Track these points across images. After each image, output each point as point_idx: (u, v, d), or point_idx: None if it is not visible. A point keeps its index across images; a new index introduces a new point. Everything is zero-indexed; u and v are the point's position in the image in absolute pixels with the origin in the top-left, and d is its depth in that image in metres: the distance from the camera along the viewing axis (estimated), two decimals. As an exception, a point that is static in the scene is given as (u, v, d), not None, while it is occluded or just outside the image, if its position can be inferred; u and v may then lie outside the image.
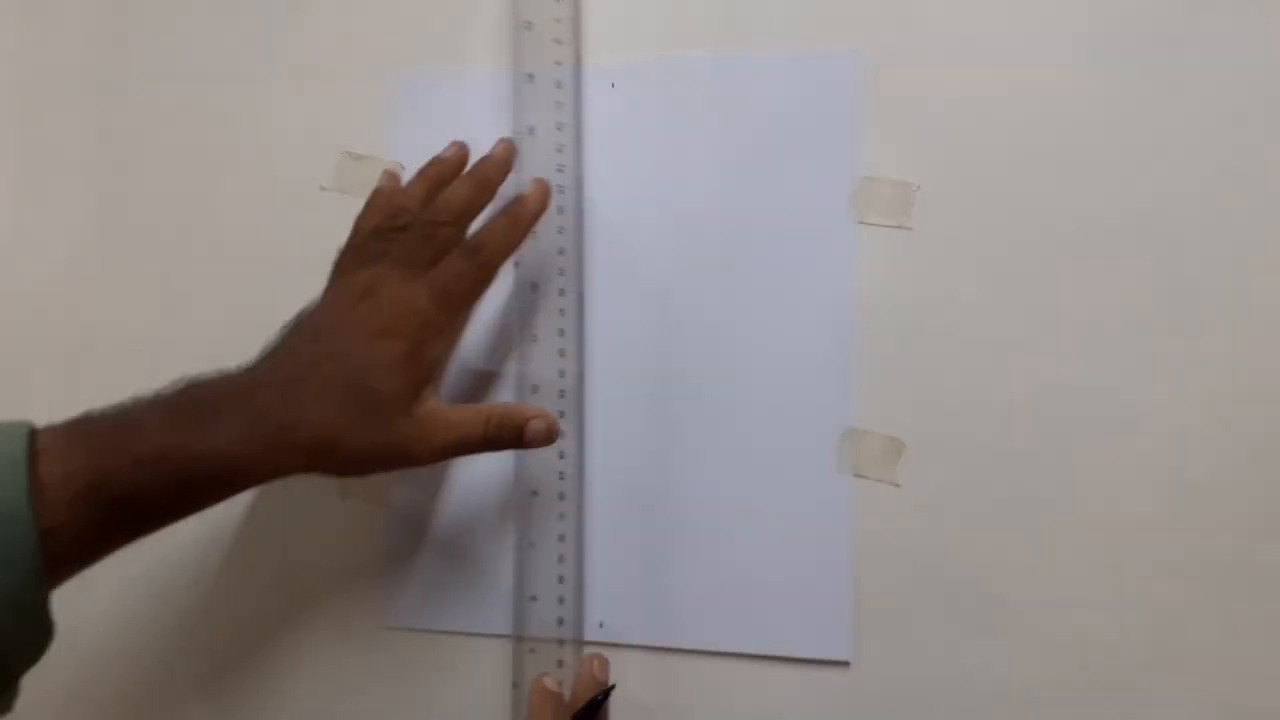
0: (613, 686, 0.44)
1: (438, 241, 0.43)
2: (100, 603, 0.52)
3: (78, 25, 0.55)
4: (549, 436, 0.44)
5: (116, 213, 0.54)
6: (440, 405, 0.43)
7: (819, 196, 0.46)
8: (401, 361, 0.41)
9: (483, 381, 0.49)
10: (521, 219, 0.45)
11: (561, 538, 0.47)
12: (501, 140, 0.47)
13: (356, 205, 0.50)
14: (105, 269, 0.53)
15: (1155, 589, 0.43)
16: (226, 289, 0.52)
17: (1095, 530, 0.43)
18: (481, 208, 0.45)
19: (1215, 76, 0.43)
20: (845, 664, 0.45)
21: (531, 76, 0.48)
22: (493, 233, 0.44)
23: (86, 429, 0.38)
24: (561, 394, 0.47)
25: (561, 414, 0.46)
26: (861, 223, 0.46)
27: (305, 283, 0.48)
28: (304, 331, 0.43)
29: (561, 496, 0.47)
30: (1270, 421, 0.42)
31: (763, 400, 0.46)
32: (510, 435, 0.43)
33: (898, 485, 0.45)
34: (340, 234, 0.49)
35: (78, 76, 0.54)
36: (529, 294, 0.47)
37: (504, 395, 0.49)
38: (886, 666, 0.44)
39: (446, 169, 0.46)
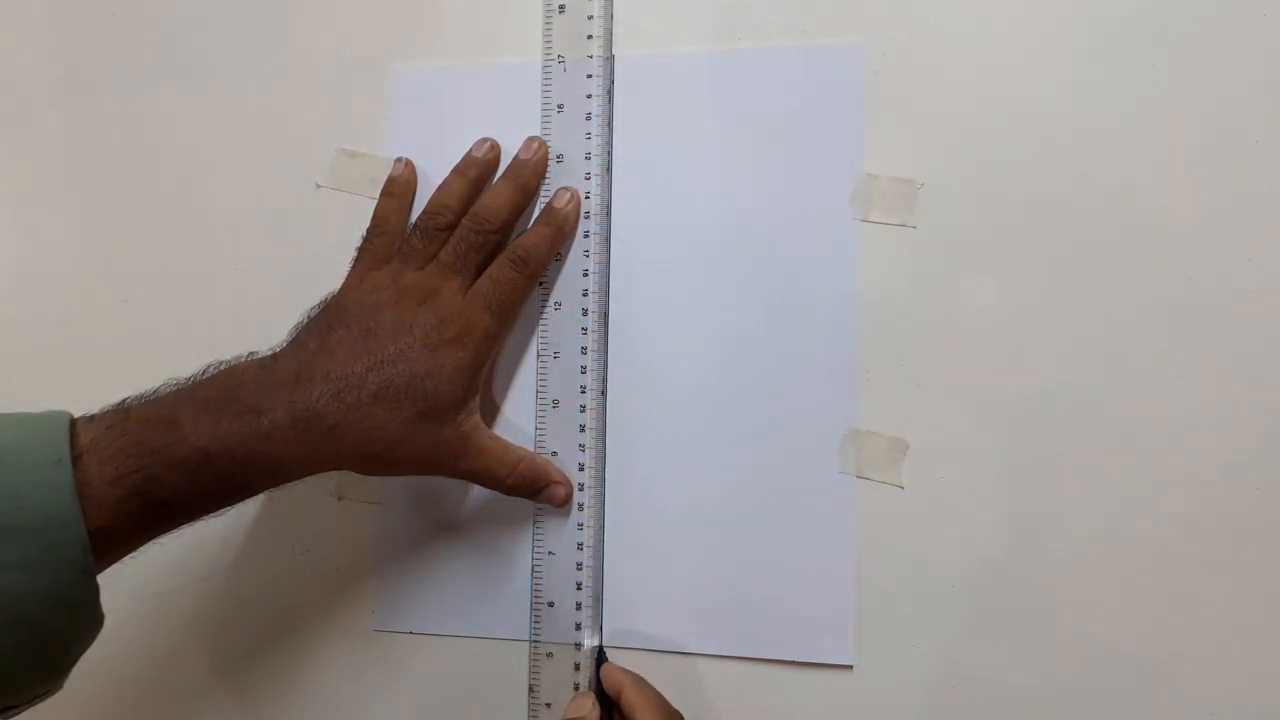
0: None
1: (486, 249, 0.45)
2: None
3: (73, 23, 0.54)
4: (564, 503, 0.46)
5: (111, 211, 0.53)
6: (480, 428, 0.45)
7: (821, 194, 0.46)
8: (464, 370, 0.43)
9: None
10: (563, 230, 0.46)
11: (580, 546, 0.46)
12: (533, 140, 0.47)
13: (352, 202, 0.49)
14: (99, 267, 0.53)
15: (1162, 590, 0.42)
16: (222, 287, 0.51)
17: (1101, 531, 0.43)
18: (522, 212, 0.47)
19: (1221, 72, 0.43)
20: (849, 668, 0.44)
21: (561, 57, 0.48)
22: (538, 243, 0.45)
23: (127, 425, 0.38)
24: (583, 409, 0.47)
25: (582, 428, 0.47)
26: (864, 221, 0.45)
27: (302, 280, 0.47)
28: (355, 330, 0.42)
29: (581, 508, 0.46)
30: (1276, 421, 0.42)
31: (765, 401, 0.45)
32: (528, 492, 0.46)
33: (901, 487, 0.44)
34: (336, 231, 0.49)
35: (71, 74, 0.54)
36: (552, 311, 0.47)
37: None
38: (890, 670, 0.44)
39: (485, 169, 0.47)
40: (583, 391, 0.47)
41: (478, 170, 0.47)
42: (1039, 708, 0.43)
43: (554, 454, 0.47)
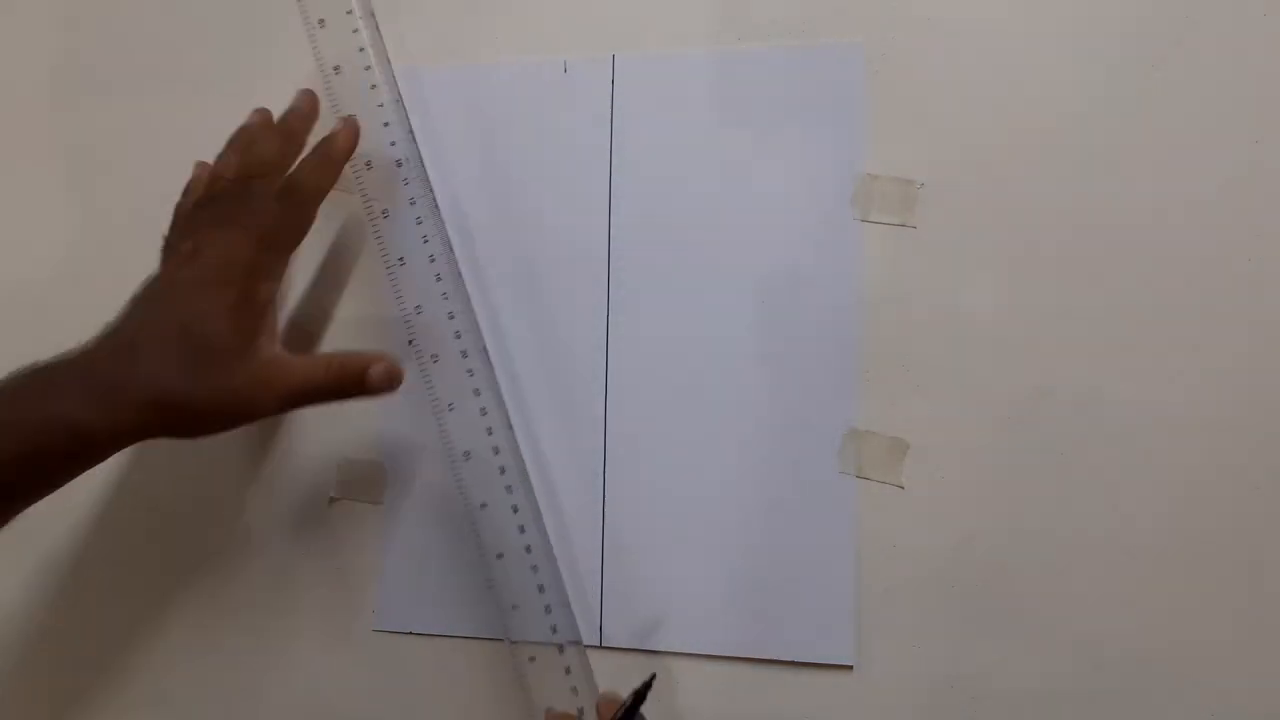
0: (653, 676, 0.41)
1: (253, 195, 0.44)
2: (93, 604, 0.51)
3: (71, 25, 0.54)
4: (390, 381, 0.44)
5: (111, 210, 0.53)
6: (281, 353, 0.44)
7: (821, 194, 0.46)
8: (232, 308, 0.42)
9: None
10: (332, 155, 0.45)
11: (529, 549, 0.45)
12: (303, 90, 0.47)
13: (351, 201, 0.49)
14: (99, 267, 0.53)
15: (1161, 589, 0.42)
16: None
17: (1101, 531, 0.43)
18: (292, 159, 0.46)
19: (1221, 72, 0.43)
20: (849, 668, 0.44)
21: (338, 69, 0.47)
22: (306, 172, 0.45)
23: None
24: (477, 392, 0.46)
25: (489, 427, 0.46)
26: (864, 221, 0.45)
27: (300, 279, 0.47)
28: (136, 302, 0.43)
29: (516, 510, 0.45)
30: (1276, 420, 0.42)
31: (765, 400, 0.45)
32: (352, 381, 0.43)
33: (901, 486, 0.44)
34: (334, 230, 0.49)
35: (69, 76, 0.54)
36: (414, 315, 0.46)
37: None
38: (890, 671, 0.44)
39: (255, 132, 0.47)
40: (472, 375, 0.46)
41: (247, 135, 0.46)
42: (1039, 708, 0.43)
43: (466, 455, 0.45)
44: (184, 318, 0.41)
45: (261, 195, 0.44)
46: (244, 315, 0.42)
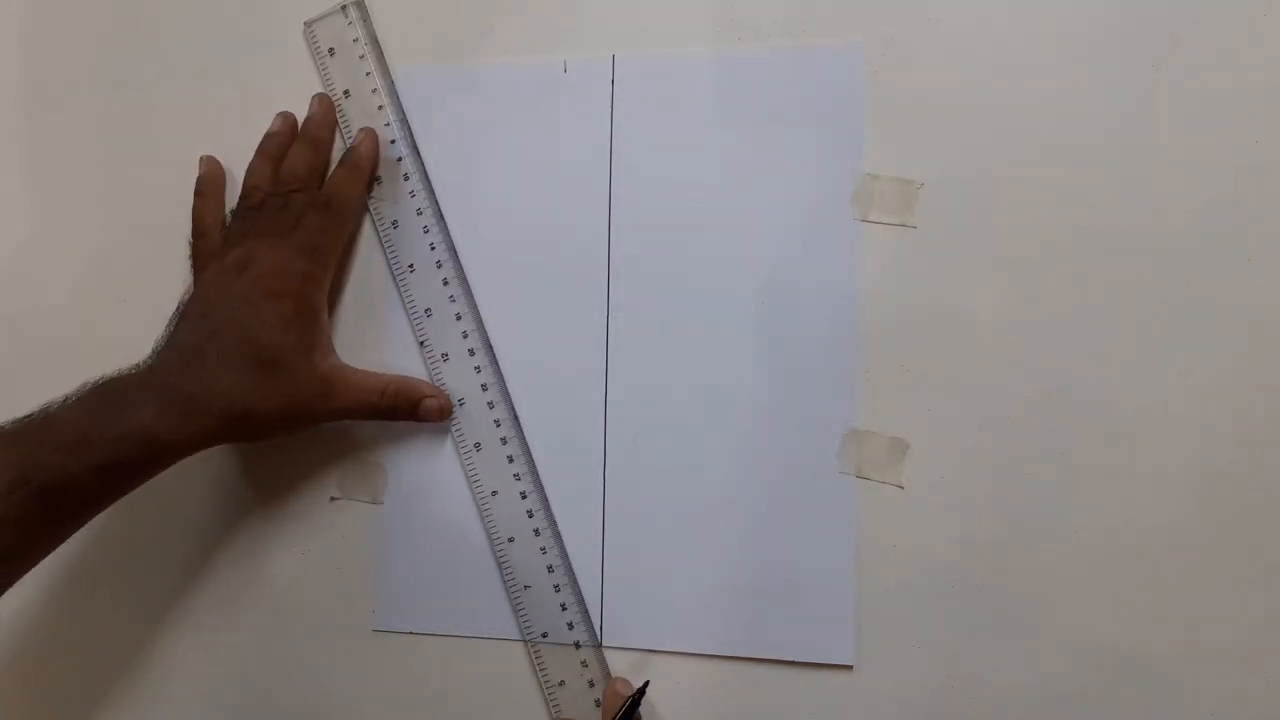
0: (646, 684, 0.44)
1: (293, 208, 0.47)
2: (92, 603, 0.51)
3: (83, 25, 0.54)
4: (442, 415, 0.47)
5: (110, 210, 0.53)
6: (342, 365, 0.47)
7: (821, 194, 0.46)
8: (290, 319, 0.44)
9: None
10: (359, 165, 0.48)
11: (537, 533, 0.47)
12: (317, 96, 0.49)
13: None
14: (99, 267, 0.53)
15: (1162, 591, 0.42)
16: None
17: (1101, 531, 0.43)
18: (322, 167, 0.49)
19: (1221, 72, 0.43)
20: (849, 668, 0.44)
21: (348, 93, 0.50)
22: (338, 184, 0.47)
23: (3, 429, 0.41)
24: (484, 388, 0.48)
25: (497, 419, 0.48)
26: (864, 221, 0.45)
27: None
28: (191, 315, 0.45)
29: (525, 495, 0.47)
30: (1276, 420, 0.42)
31: (764, 401, 0.45)
32: (405, 409, 0.47)
33: (901, 486, 0.44)
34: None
35: (83, 76, 0.54)
36: (425, 318, 0.49)
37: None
38: (890, 671, 0.44)
39: (283, 139, 0.49)
40: (479, 371, 0.48)
41: (276, 144, 0.49)
42: (1039, 708, 0.43)
43: (477, 446, 0.48)
44: (246, 330, 0.44)
45: (302, 208, 0.46)
46: (302, 326, 0.45)
